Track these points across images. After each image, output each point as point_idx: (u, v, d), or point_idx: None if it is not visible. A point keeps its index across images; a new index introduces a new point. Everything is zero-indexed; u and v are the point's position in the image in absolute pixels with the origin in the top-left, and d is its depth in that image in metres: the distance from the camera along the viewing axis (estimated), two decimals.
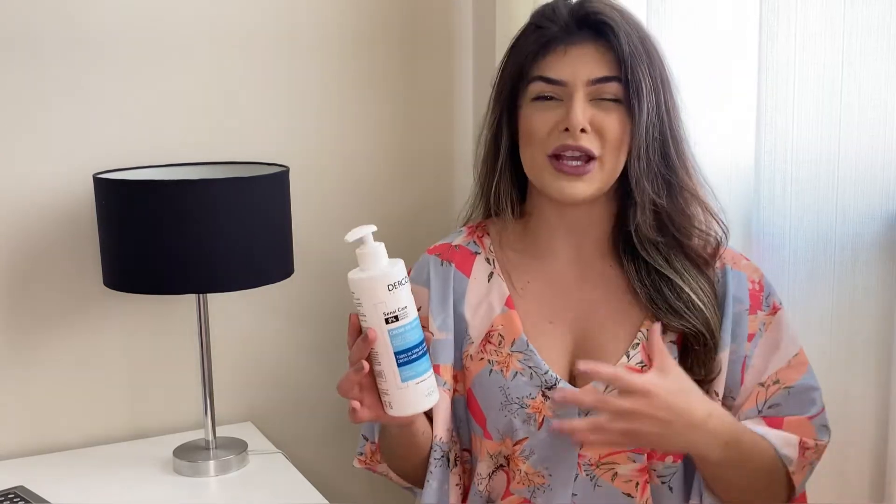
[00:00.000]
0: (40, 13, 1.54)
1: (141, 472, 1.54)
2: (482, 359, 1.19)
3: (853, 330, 1.22)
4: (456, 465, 1.24)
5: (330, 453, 1.83)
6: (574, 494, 1.14)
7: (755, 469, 1.09)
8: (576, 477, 1.14)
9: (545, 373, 1.15)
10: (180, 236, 1.40)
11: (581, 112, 1.09)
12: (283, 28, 1.70)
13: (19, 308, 1.60)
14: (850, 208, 1.21)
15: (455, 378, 1.22)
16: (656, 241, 1.15)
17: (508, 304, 1.19)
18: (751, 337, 1.15)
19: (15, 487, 1.45)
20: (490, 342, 1.19)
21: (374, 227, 1.03)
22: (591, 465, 1.14)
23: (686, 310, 1.13)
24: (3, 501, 1.41)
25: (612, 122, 1.10)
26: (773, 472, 1.11)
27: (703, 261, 1.16)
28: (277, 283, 1.52)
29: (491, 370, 1.18)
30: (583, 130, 1.10)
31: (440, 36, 1.81)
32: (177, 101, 1.64)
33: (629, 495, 1.14)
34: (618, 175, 1.14)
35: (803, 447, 1.12)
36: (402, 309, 1.02)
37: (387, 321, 1.01)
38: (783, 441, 1.11)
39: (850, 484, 1.23)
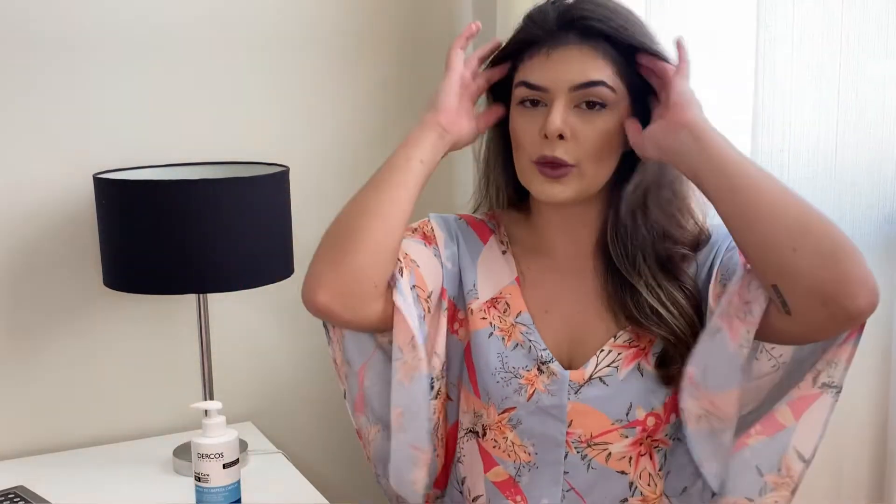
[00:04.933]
0: (40, 13, 1.55)
1: (141, 472, 1.54)
2: (484, 318, 1.20)
3: None
4: (437, 397, 1.22)
5: (330, 453, 1.83)
6: (566, 472, 1.15)
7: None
8: (566, 455, 1.15)
9: (543, 349, 1.16)
10: (180, 236, 1.40)
11: (559, 118, 1.07)
12: (283, 28, 1.70)
13: (19, 308, 1.61)
14: (848, 208, 1.21)
15: (461, 323, 1.22)
16: (626, 242, 1.13)
17: (517, 281, 1.21)
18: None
19: (15, 487, 1.45)
20: (496, 307, 1.19)
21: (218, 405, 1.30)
22: (582, 442, 1.14)
23: (648, 319, 1.12)
24: (3, 501, 1.41)
25: (591, 130, 1.08)
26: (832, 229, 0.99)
27: (676, 265, 1.14)
28: (277, 283, 1.52)
29: (492, 333, 1.19)
30: (561, 137, 1.08)
31: (441, 37, 1.81)
32: (177, 101, 1.65)
33: (623, 472, 1.15)
34: (604, 182, 1.13)
35: None
36: (205, 476, 1.29)
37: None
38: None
39: (849, 483, 1.23)
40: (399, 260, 1.16)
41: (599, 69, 1.07)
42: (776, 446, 1.09)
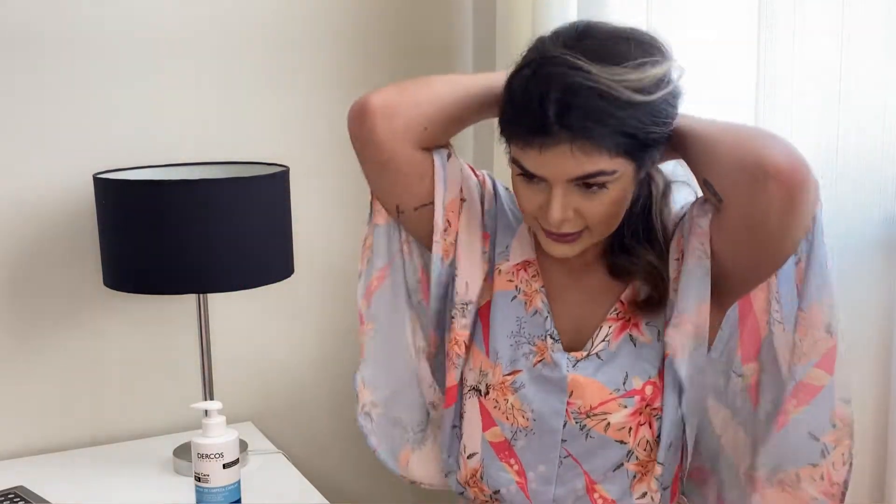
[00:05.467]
0: (41, 13, 1.55)
1: (141, 472, 1.54)
2: (511, 281, 1.21)
3: (853, 330, 1.21)
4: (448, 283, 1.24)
5: (330, 453, 1.83)
6: (563, 440, 1.16)
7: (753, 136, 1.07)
8: (564, 424, 1.16)
9: (554, 327, 1.19)
10: (180, 236, 1.40)
11: (559, 209, 1.06)
12: (283, 28, 1.70)
13: (19, 308, 1.61)
14: (849, 207, 1.21)
15: (485, 279, 1.23)
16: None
17: (535, 262, 1.23)
18: None
19: (15, 487, 1.45)
20: (525, 270, 1.21)
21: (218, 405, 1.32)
22: (581, 413, 1.16)
23: (628, 261, 1.17)
24: (3, 501, 1.41)
25: (597, 206, 1.07)
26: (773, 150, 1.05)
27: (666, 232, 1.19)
28: (277, 283, 1.52)
29: (515, 297, 1.21)
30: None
31: (440, 36, 1.81)
32: (177, 101, 1.65)
33: (622, 442, 1.16)
34: (614, 229, 1.13)
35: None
36: (205, 476, 1.31)
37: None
38: None
39: (851, 483, 1.23)
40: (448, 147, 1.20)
41: (594, 161, 1.02)
42: (822, 408, 1.09)
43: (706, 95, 1.32)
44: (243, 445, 1.57)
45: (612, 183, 1.05)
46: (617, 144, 1.01)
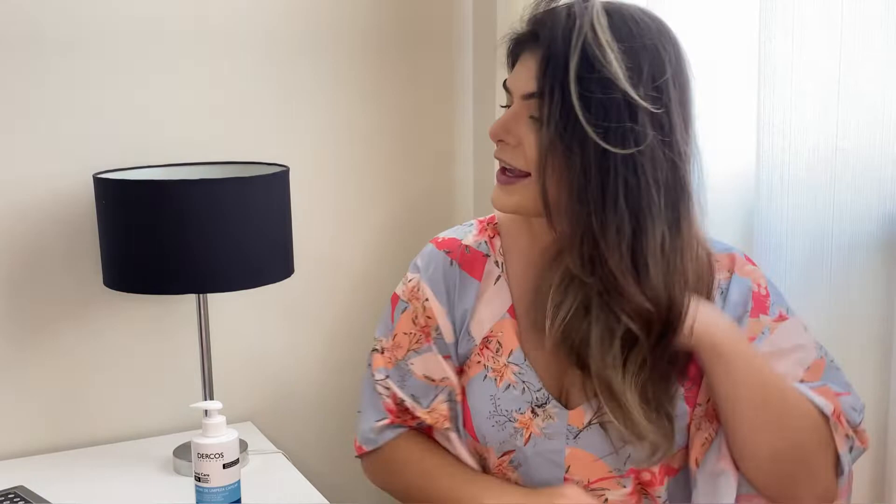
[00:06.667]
0: (41, 13, 1.54)
1: (141, 472, 1.54)
2: (479, 362, 1.17)
3: (852, 330, 1.22)
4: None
5: (330, 453, 1.83)
6: None
7: (786, 416, 1.05)
8: None
9: (538, 390, 1.13)
10: (180, 236, 1.40)
11: (499, 123, 1.06)
12: (283, 28, 1.70)
13: (19, 308, 1.61)
14: (848, 208, 1.21)
15: (459, 370, 1.20)
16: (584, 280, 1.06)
17: (510, 312, 1.17)
18: (751, 339, 1.10)
19: (15, 487, 1.45)
20: (487, 347, 1.17)
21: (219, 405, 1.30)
22: (580, 487, 1.13)
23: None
24: (3, 501, 1.41)
25: (532, 141, 1.04)
26: (810, 429, 1.06)
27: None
28: (277, 283, 1.52)
29: (486, 376, 1.16)
30: (501, 141, 1.07)
31: (441, 36, 1.81)
32: (177, 101, 1.65)
33: None
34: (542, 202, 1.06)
35: (836, 413, 1.08)
36: (205, 476, 1.29)
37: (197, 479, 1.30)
38: (817, 395, 1.08)
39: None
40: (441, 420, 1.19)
41: (534, 83, 1.03)
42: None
43: (707, 96, 1.32)
44: (243, 445, 1.57)
45: (546, 126, 1.01)
46: (557, 90, 1.00)
